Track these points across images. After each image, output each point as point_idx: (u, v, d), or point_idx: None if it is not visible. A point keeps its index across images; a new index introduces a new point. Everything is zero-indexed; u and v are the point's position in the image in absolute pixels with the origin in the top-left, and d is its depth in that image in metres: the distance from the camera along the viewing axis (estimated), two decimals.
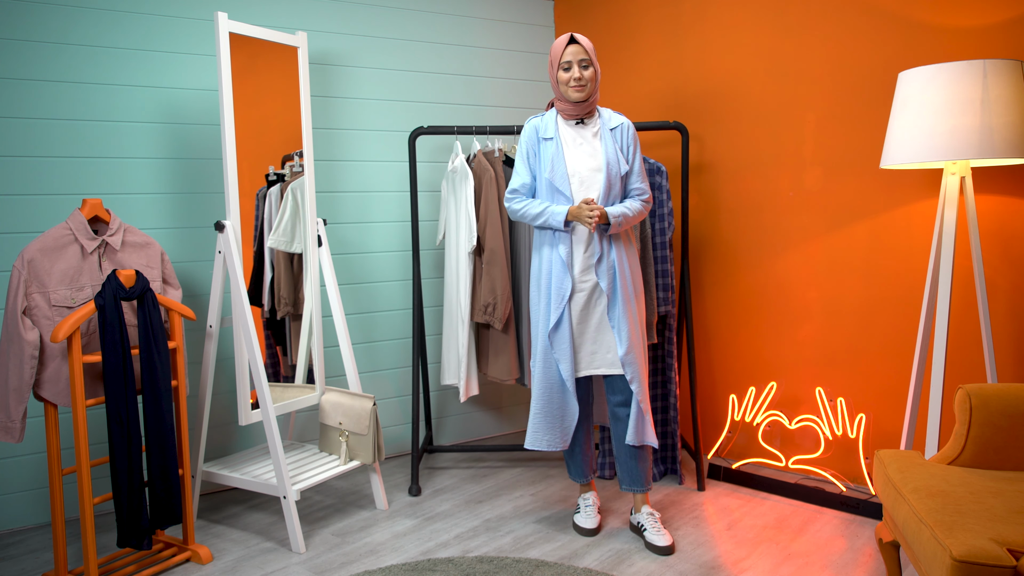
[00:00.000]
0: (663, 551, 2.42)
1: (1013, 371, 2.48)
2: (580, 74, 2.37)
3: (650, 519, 2.50)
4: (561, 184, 2.41)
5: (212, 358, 2.71)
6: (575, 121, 2.47)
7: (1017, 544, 1.52)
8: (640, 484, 2.54)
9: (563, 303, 2.42)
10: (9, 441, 2.23)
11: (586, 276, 2.43)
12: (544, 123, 2.50)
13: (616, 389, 2.48)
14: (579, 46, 2.36)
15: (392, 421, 3.59)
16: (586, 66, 2.38)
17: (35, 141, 2.76)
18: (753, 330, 3.22)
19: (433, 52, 3.58)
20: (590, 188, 2.42)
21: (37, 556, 2.56)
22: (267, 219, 2.82)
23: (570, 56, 2.37)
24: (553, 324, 2.43)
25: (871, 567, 2.30)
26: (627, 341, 2.40)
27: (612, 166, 2.41)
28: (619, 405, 2.49)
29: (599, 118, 2.49)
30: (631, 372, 2.41)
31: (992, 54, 2.45)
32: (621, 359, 2.40)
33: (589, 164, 2.43)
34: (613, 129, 2.47)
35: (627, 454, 2.52)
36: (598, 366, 2.46)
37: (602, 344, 2.45)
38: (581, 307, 2.44)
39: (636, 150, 2.49)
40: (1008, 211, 2.47)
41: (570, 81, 2.38)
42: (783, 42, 3.03)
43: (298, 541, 2.52)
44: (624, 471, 2.55)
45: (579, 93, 2.39)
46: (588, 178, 2.43)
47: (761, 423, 3.05)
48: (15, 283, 2.19)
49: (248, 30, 2.63)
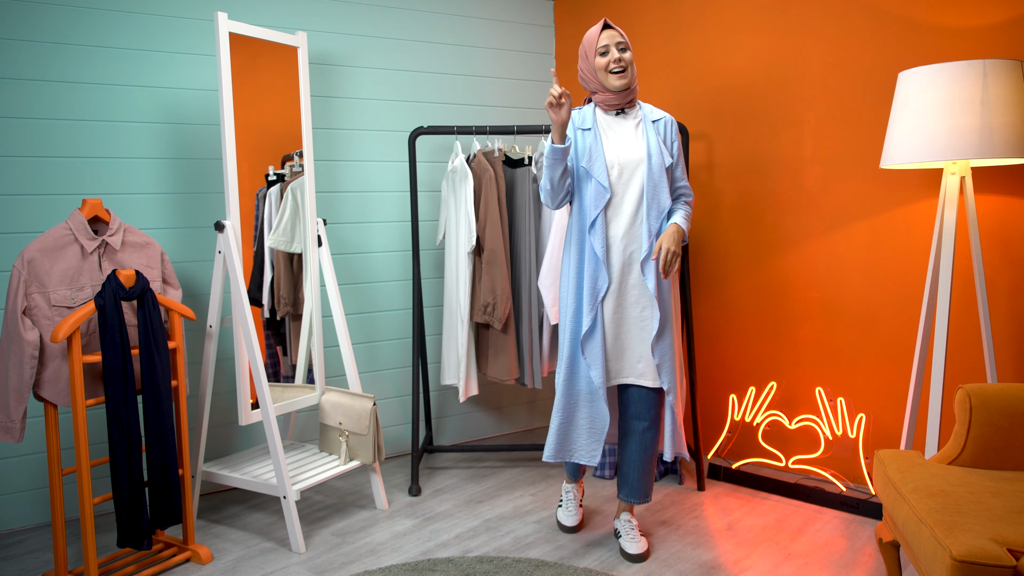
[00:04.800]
0: (634, 559, 2.38)
1: (1013, 371, 2.48)
2: (620, 56, 2.24)
3: (627, 526, 2.46)
4: (599, 174, 2.25)
5: (212, 358, 2.71)
6: (615, 112, 2.35)
7: (1017, 544, 1.52)
8: (638, 497, 2.45)
9: (597, 303, 2.27)
10: (9, 441, 2.23)
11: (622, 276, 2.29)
12: (582, 115, 2.37)
13: (634, 401, 2.36)
14: (614, 31, 2.26)
15: (392, 421, 3.59)
16: (624, 49, 2.25)
17: (35, 141, 2.76)
18: (753, 330, 3.22)
19: (433, 52, 3.59)
20: (631, 179, 2.28)
21: (37, 556, 2.56)
22: (267, 219, 2.82)
23: (607, 40, 2.25)
24: (587, 329, 2.27)
25: (871, 567, 2.30)
26: (666, 351, 2.29)
27: (655, 157, 2.27)
28: (635, 418, 2.37)
29: (640, 110, 2.37)
30: (667, 382, 2.29)
31: (992, 54, 2.45)
32: (658, 368, 2.29)
33: (630, 155, 2.29)
34: (655, 121, 2.35)
35: (633, 468, 2.41)
36: (627, 375, 2.32)
37: (635, 352, 2.31)
38: (614, 310, 2.30)
39: (679, 146, 2.37)
40: (1008, 211, 2.47)
41: (609, 64, 2.25)
42: (783, 42, 3.03)
43: (298, 541, 2.52)
44: (625, 482, 2.45)
45: (621, 79, 2.26)
46: (629, 169, 2.28)
47: (761, 423, 3.05)
48: (15, 283, 2.19)
49: (248, 30, 2.63)
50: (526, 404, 3.96)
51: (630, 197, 2.29)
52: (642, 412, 2.36)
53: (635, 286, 2.30)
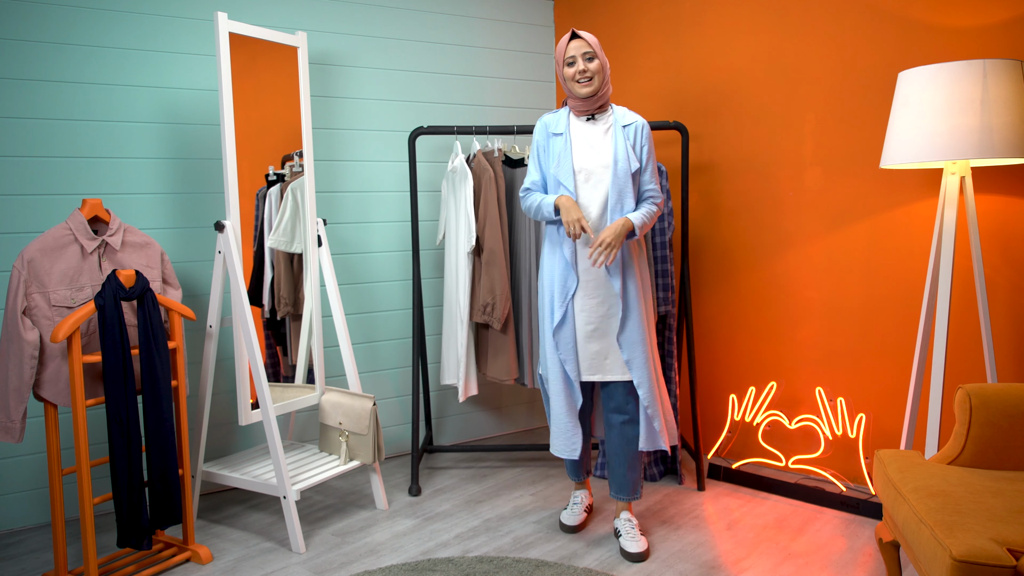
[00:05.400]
0: (634, 558, 2.39)
1: (1013, 371, 2.48)
2: (585, 66, 2.33)
3: (627, 525, 2.48)
4: (565, 179, 2.36)
5: (212, 358, 2.71)
6: (586, 117, 2.43)
7: (1017, 544, 1.52)
8: (626, 493, 2.50)
9: (567, 300, 2.38)
10: (9, 441, 2.23)
11: (591, 276, 2.38)
12: (556, 119, 2.46)
13: (611, 395, 2.45)
14: (581, 40, 2.34)
15: (392, 421, 3.59)
16: (590, 59, 2.33)
17: (35, 141, 2.76)
18: (753, 330, 3.22)
19: (433, 52, 3.59)
20: (597, 185, 2.36)
21: (37, 556, 2.56)
22: (267, 219, 2.82)
23: (573, 51, 2.34)
24: (557, 322, 2.39)
25: (871, 567, 2.30)
26: (634, 347, 2.36)
27: (620, 163, 2.34)
28: (613, 411, 2.45)
29: (611, 115, 2.43)
30: (638, 377, 2.37)
31: (992, 54, 2.44)
32: (627, 363, 2.37)
33: (597, 161, 2.37)
34: (626, 126, 2.40)
35: (617, 462, 2.49)
36: (596, 371, 2.41)
37: (605, 348, 2.40)
38: (586, 308, 2.39)
39: (649, 150, 2.42)
40: (1008, 211, 2.47)
41: (575, 76, 2.35)
42: (783, 42, 3.03)
43: (298, 541, 2.52)
44: (613, 478, 2.52)
45: (586, 88, 2.35)
46: (595, 174, 2.37)
47: (761, 423, 3.05)
48: (15, 283, 2.19)
49: (248, 30, 2.63)
50: (526, 404, 3.96)
51: (596, 201, 2.37)
52: (620, 406, 2.44)
53: (601, 285, 2.39)
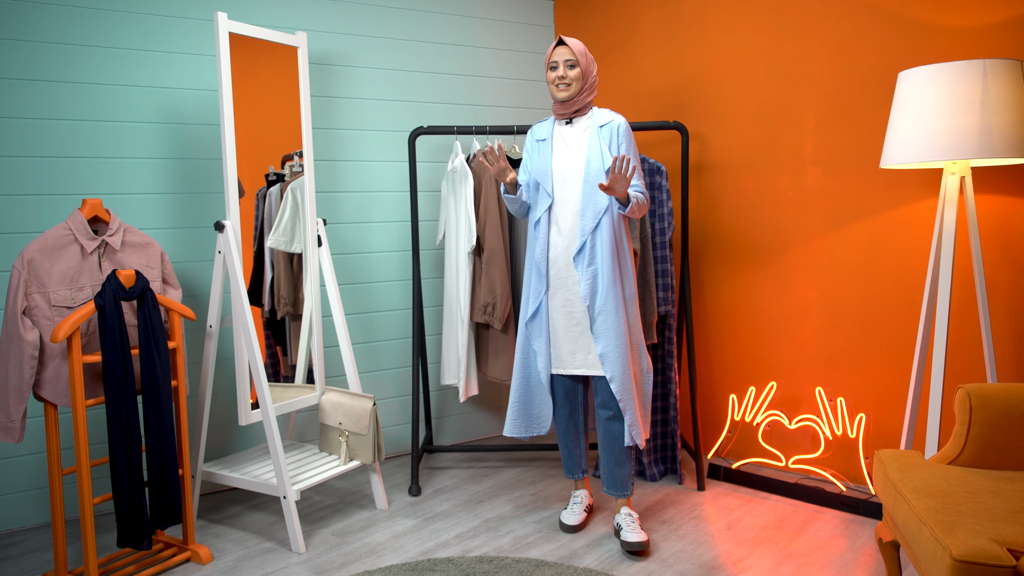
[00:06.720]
0: (635, 547, 2.40)
1: (1013, 371, 2.48)
2: (564, 72, 2.42)
3: (627, 519, 2.50)
4: (544, 180, 2.46)
5: (212, 358, 2.71)
6: (565, 121, 2.52)
7: (1017, 544, 1.52)
8: (618, 488, 2.54)
9: (540, 296, 2.48)
10: (9, 441, 2.23)
11: (567, 273, 2.44)
12: (543, 126, 2.58)
13: (598, 390, 2.48)
14: (566, 47, 2.42)
15: (392, 421, 3.59)
16: (571, 66, 2.42)
17: (35, 141, 2.76)
18: (753, 330, 3.22)
19: (433, 52, 3.59)
20: (574, 186, 2.44)
21: (37, 556, 2.56)
22: (267, 219, 2.82)
23: (557, 57, 2.43)
24: (530, 315, 2.50)
25: (871, 567, 2.30)
26: (608, 340, 2.39)
27: (593, 162, 2.41)
28: (600, 407, 2.49)
29: (590, 117, 2.50)
30: (611, 371, 2.40)
31: (992, 54, 2.45)
32: (600, 357, 2.41)
33: (573, 162, 2.45)
34: (602, 126, 2.46)
35: (607, 458, 2.53)
36: (579, 366, 2.47)
37: (582, 343, 2.45)
38: (561, 303, 2.46)
39: (628, 147, 2.46)
40: (1008, 211, 2.47)
41: (555, 80, 2.44)
42: (783, 42, 3.03)
43: (298, 541, 2.52)
44: (605, 474, 2.57)
45: (562, 92, 2.44)
46: (572, 175, 2.44)
47: (761, 423, 3.05)
48: (15, 283, 2.19)
49: (248, 30, 2.63)
50: None
51: (572, 201, 2.45)
52: (605, 401, 2.48)
53: (576, 282, 2.44)
